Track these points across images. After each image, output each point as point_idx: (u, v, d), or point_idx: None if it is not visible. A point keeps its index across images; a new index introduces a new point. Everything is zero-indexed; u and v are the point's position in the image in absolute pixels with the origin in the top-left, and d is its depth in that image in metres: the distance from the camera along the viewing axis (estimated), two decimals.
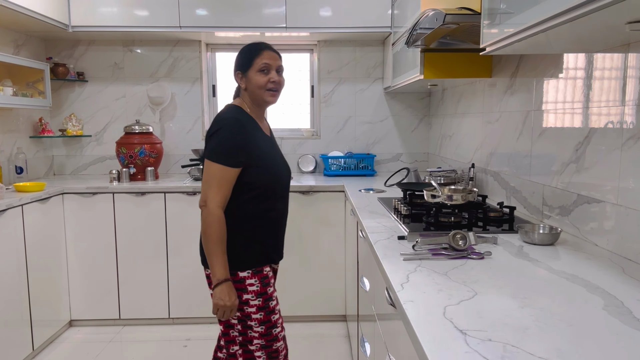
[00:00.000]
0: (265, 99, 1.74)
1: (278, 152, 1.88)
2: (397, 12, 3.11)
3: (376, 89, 3.74)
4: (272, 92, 1.74)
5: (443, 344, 0.84)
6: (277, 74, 1.74)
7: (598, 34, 1.22)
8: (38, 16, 2.87)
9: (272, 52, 1.75)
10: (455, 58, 2.34)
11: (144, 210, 3.08)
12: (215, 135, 1.65)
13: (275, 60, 1.74)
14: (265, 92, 1.73)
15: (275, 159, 1.81)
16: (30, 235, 2.69)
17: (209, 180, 1.63)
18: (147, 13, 3.21)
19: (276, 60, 1.75)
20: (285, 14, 3.24)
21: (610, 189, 1.44)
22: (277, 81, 1.74)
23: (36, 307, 2.75)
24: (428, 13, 1.79)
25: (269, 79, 1.72)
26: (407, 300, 1.05)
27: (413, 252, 1.42)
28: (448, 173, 2.65)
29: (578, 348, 0.82)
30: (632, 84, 1.35)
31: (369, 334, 1.90)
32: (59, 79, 3.49)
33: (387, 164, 3.80)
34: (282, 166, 1.85)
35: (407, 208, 1.98)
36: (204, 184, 1.65)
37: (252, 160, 1.68)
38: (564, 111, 1.71)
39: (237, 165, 1.65)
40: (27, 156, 3.32)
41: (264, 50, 1.73)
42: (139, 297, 3.15)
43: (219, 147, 1.64)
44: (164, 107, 3.67)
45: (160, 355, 2.84)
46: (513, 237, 1.62)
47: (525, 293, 1.09)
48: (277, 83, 1.74)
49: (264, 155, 1.74)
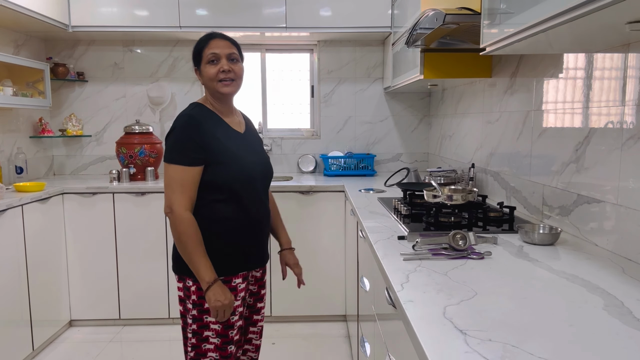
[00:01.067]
0: (219, 90, 1.60)
1: (252, 150, 1.70)
2: (397, 12, 3.11)
3: (376, 89, 3.74)
4: (225, 82, 1.60)
5: (443, 344, 0.84)
6: (229, 62, 1.60)
7: (598, 34, 1.22)
8: (38, 16, 2.87)
9: (222, 39, 1.62)
10: (455, 58, 2.34)
11: (144, 210, 3.08)
12: (170, 136, 1.58)
13: (225, 48, 1.60)
14: (217, 84, 1.59)
15: (245, 156, 1.64)
16: (30, 235, 2.69)
17: (171, 183, 1.53)
18: (147, 13, 3.21)
19: (226, 48, 1.60)
20: (285, 14, 3.24)
21: (610, 189, 1.44)
22: (227, 70, 1.59)
23: (36, 307, 2.75)
24: (428, 13, 1.79)
25: (219, 69, 1.58)
26: (407, 300, 1.05)
27: (413, 252, 1.42)
28: (448, 173, 2.65)
29: (578, 348, 0.82)
30: (632, 84, 1.35)
31: (369, 334, 1.90)
32: (59, 79, 3.49)
33: (387, 164, 3.80)
34: (255, 165, 1.67)
35: (407, 208, 1.98)
36: (166, 188, 1.55)
37: (211, 156, 1.56)
38: (564, 111, 1.71)
39: (195, 163, 1.54)
40: (27, 156, 3.32)
41: (211, 39, 1.61)
42: (139, 297, 3.15)
43: (174, 147, 1.55)
44: (164, 107, 3.67)
45: (160, 355, 2.83)
46: (513, 237, 1.62)
47: (525, 293, 1.09)
48: (228, 72, 1.59)
49: (226, 151, 1.59)
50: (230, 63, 1.61)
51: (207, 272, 1.53)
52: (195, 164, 1.54)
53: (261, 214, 1.71)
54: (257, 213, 1.68)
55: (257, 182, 1.67)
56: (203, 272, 1.53)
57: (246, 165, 1.63)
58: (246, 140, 1.70)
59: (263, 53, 3.76)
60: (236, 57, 1.63)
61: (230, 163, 1.59)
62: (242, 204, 1.63)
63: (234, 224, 1.63)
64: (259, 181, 1.69)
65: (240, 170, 1.61)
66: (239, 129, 1.71)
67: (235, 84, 1.63)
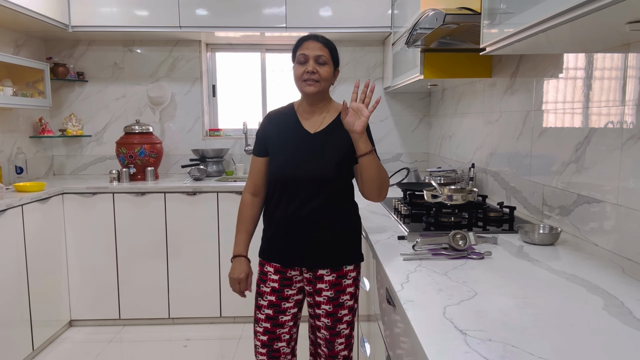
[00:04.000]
0: (302, 90, 1.68)
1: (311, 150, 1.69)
2: (397, 12, 3.11)
3: (376, 89, 3.73)
4: (308, 82, 1.65)
5: (443, 344, 0.84)
6: (316, 64, 1.65)
7: (598, 34, 1.22)
8: (38, 16, 2.87)
9: (314, 41, 1.67)
10: (455, 58, 2.33)
11: (144, 210, 3.08)
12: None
13: (315, 50, 1.65)
14: (302, 83, 1.66)
15: (292, 155, 1.69)
16: (30, 235, 2.69)
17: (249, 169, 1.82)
18: (147, 13, 3.21)
19: (316, 50, 1.65)
20: (285, 14, 3.24)
21: (610, 189, 1.44)
22: (311, 71, 1.64)
23: (36, 307, 2.75)
24: (428, 13, 1.79)
25: (305, 70, 1.64)
26: (407, 300, 1.05)
27: (413, 252, 1.42)
28: (448, 173, 2.65)
29: (578, 348, 0.82)
30: (632, 84, 1.35)
31: (369, 334, 1.90)
32: (59, 79, 3.49)
33: (387, 164, 3.80)
34: (300, 164, 1.68)
35: (407, 208, 1.98)
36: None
37: (269, 150, 1.74)
38: (564, 111, 1.71)
39: (258, 153, 1.77)
40: (27, 156, 3.32)
41: (305, 41, 1.67)
42: (139, 297, 3.15)
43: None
44: (164, 107, 3.67)
45: (160, 355, 2.84)
46: (513, 237, 1.62)
47: (525, 293, 1.09)
48: (312, 73, 1.64)
49: (276, 147, 1.72)
50: (317, 65, 1.66)
51: (235, 247, 1.79)
52: (259, 154, 1.77)
53: (299, 215, 1.68)
54: (294, 212, 1.68)
55: (299, 181, 1.67)
56: (234, 245, 1.79)
57: (288, 163, 1.69)
58: (312, 141, 1.70)
59: (263, 53, 3.76)
60: (325, 60, 1.66)
61: (275, 158, 1.72)
62: (278, 199, 1.72)
63: (270, 216, 1.77)
64: (304, 182, 1.67)
65: (281, 167, 1.70)
66: (311, 129, 1.72)
67: (319, 85, 1.67)
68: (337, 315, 1.72)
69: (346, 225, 1.72)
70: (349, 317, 1.75)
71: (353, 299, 1.75)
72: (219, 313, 3.18)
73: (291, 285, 1.75)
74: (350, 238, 1.73)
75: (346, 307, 1.73)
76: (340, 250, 1.70)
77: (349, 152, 1.65)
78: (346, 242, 1.72)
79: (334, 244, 1.69)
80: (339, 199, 1.71)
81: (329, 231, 1.69)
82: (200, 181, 3.27)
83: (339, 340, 1.75)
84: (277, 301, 1.75)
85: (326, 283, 1.70)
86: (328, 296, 1.71)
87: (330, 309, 1.72)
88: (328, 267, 1.69)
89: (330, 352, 1.76)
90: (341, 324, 1.74)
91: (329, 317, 1.72)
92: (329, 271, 1.70)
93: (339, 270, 1.70)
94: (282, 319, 1.76)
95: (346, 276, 1.71)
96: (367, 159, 1.59)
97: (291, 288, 1.76)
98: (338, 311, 1.72)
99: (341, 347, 1.76)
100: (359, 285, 1.79)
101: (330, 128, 1.72)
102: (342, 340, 1.76)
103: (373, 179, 1.62)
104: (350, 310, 1.75)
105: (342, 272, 1.71)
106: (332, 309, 1.72)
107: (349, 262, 1.71)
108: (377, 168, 1.61)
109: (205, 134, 3.75)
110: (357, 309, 1.80)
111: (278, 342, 1.77)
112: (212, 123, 3.88)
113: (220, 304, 3.16)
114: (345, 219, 1.73)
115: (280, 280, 1.75)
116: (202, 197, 3.08)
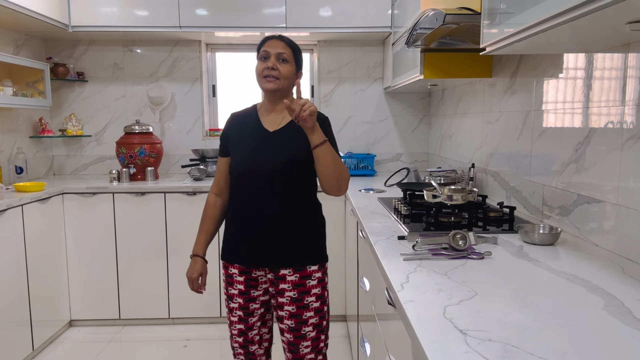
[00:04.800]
0: (262, 86, 1.68)
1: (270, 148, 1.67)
2: (397, 12, 3.11)
3: (376, 89, 3.74)
4: (268, 78, 1.65)
5: (443, 344, 0.84)
6: (278, 61, 1.65)
7: (598, 34, 1.22)
8: (38, 16, 2.87)
9: (278, 40, 1.68)
10: (455, 58, 2.33)
11: (144, 210, 3.08)
12: None
13: (277, 48, 1.65)
14: (262, 79, 1.67)
15: (248, 152, 1.68)
16: (30, 235, 2.69)
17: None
18: (147, 13, 3.21)
19: (278, 47, 1.66)
20: (285, 14, 3.24)
21: (610, 189, 1.44)
22: (271, 67, 1.64)
23: (36, 307, 2.75)
24: (428, 13, 1.79)
25: (265, 66, 1.65)
26: (407, 300, 1.05)
27: (413, 252, 1.42)
28: (448, 173, 2.65)
29: (578, 348, 0.82)
30: (632, 84, 1.35)
31: (369, 334, 1.90)
32: (59, 79, 3.49)
33: (387, 164, 3.80)
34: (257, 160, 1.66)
35: (407, 208, 1.98)
36: None
37: (228, 150, 1.77)
38: (564, 111, 1.71)
39: (221, 154, 1.81)
40: (27, 156, 3.32)
41: (269, 39, 1.69)
42: (139, 297, 3.15)
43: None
44: (164, 107, 3.67)
45: (160, 355, 2.84)
46: (513, 237, 1.62)
47: (525, 293, 1.09)
48: (272, 70, 1.64)
49: (235, 146, 1.74)
50: (278, 62, 1.65)
51: (194, 246, 1.83)
52: (222, 154, 1.81)
53: (258, 213, 1.67)
54: (253, 211, 1.67)
55: (257, 179, 1.66)
56: (194, 245, 1.84)
57: (247, 161, 1.69)
58: (270, 139, 1.69)
59: None
60: (286, 58, 1.66)
61: (235, 157, 1.73)
62: (239, 198, 1.72)
63: (232, 215, 1.76)
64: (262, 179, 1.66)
65: (240, 164, 1.71)
66: (270, 127, 1.72)
67: (279, 82, 1.66)
68: (302, 317, 1.69)
69: (308, 224, 1.72)
70: (315, 320, 1.71)
71: (320, 301, 1.71)
72: (219, 313, 3.18)
73: (257, 286, 1.74)
74: (312, 237, 1.72)
75: (312, 309, 1.70)
76: (303, 249, 1.69)
77: (307, 149, 1.63)
78: (308, 240, 1.70)
79: (295, 243, 1.68)
80: (300, 197, 1.70)
81: (290, 229, 1.67)
82: (200, 181, 3.27)
83: (304, 343, 1.71)
84: (245, 303, 1.74)
85: (289, 283, 1.68)
86: (291, 297, 1.68)
87: (293, 310, 1.69)
88: (290, 267, 1.68)
89: (294, 355, 1.72)
90: (306, 327, 1.70)
91: (293, 318, 1.69)
92: (291, 271, 1.68)
93: (303, 270, 1.68)
94: (251, 321, 1.76)
95: (310, 277, 1.69)
96: (321, 150, 1.57)
97: (257, 289, 1.74)
98: (303, 313, 1.69)
99: (307, 351, 1.72)
100: (327, 287, 1.76)
101: (289, 126, 1.70)
102: (307, 343, 1.71)
103: (328, 169, 1.59)
104: (317, 312, 1.71)
105: (305, 273, 1.69)
106: (296, 310, 1.69)
107: (312, 262, 1.70)
108: (332, 159, 1.59)
109: (205, 134, 3.75)
110: (327, 312, 1.76)
111: (252, 346, 1.79)
112: (212, 123, 3.88)
113: (220, 304, 3.16)
114: (307, 217, 1.72)
115: (246, 282, 1.73)
116: (202, 197, 3.08)
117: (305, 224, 1.71)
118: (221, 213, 1.83)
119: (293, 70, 1.69)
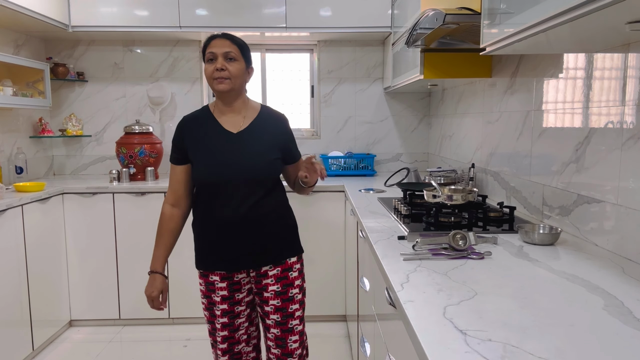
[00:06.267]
0: (214, 88, 1.64)
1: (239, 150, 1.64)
2: (397, 12, 3.11)
3: (376, 89, 3.74)
4: (219, 80, 1.61)
5: (443, 344, 0.84)
6: (225, 61, 1.61)
7: (598, 34, 1.22)
8: (38, 16, 2.87)
9: (221, 39, 1.63)
10: (455, 58, 2.33)
11: (144, 210, 3.08)
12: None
13: (222, 47, 1.61)
14: (213, 82, 1.63)
15: (218, 156, 1.63)
16: (30, 235, 2.69)
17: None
18: (147, 13, 3.21)
19: (224, 47, 1.61)
20: (285, 14, 3.24)
21: (610, 189, 1.44)
22: (219, 68, 1.60)
23: (36, 307, 2.75)
24: (428, 13, 1.79)
25: (214, 68, 1.61)
26: (407, 300, 1.05)
27: (413, 252, 1.42)
28: (448, 173, 2.65)
29: (578, 348, 0.82)
30: (632, 84, 1.35)
31: (369, 334, 1.90)
32: (59, 79, 3.49)
33: (387, 164, 3.80)
34: (230, 165, 1.62)
35: (407, 208, 1.98)
36: None
37: (189, 156, 1.67)
38: (564, 111, 1.71)
39: (176, 162, 1.70)
40: (27, 156, 3.32)
41: (213, 39, 1.63)
42: (139, 297, 3.14)
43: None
44: (164, 107, 3.67)
45: (160, 355, 2.84)
46: (513, 237, 1.62)
47: (525, 293, 1.09)
48: (221, 70, 1.60)
49: (198, 151, 1.65)
50: (225, 62, 1.62)
51: (152, 262, 1.75)
52: (177, 162, 1.70)
53: (237, 216, 1.63)
54: (231, 215, 1.63)
55: (230, 183, 1.62)
56: (151, 261, 1.75)
57: (218, 166, 1.62)
58: (237, 141, 1.66)
59: (263, 53, 3.76)
60: (234, 56, 1.63)
61: (201, 163, 1.65)
62: (212, 203, 1.66)
63: (204, 223, 1.69)
64: (238, 182, 1.63)
65: (211, 170, 1.63)
66: (233, 129, 1.68)
67: (230, 82, 1.62)
68: (288, 310, 1.70)
69: (283, 218, 1.75)
70: (300, 312, 1.74)
71: (302, 292, 1.76)
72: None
73: (240, 289, 1.74)
74: (289, 230, 1.76)
75: (297, 302, 1.72)
76: (282, 244, 1.72)
77: (275, 149, 1.71)
78: (286, 234, 1.74)
79: (276, 239, 1.70)
80: (273, 194, 1.72)
81: (269, 227, 1.69)
82: None
83: (292, 337, 1.71)
84: (230, 307, 1.73)
85: (271, 278, 1.70)
86: (275, 290, 1.70)
87: (279, 304, 1.70)
88: (272, 263, 1.70)
89: (283, 350, 1.71)
90: (293, 320, 1.71)
91: (278, 312, 1.70)
92: (272, 266, 1.70)
93: (283, 263, 1.71)
94: (237, 322, 1.76)
95: (292, 269, 1.72)
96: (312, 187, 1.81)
97: (240, 291, 1.74)
98: (288, 306, 1.70)
99: (296, 346, 1.72)
100: (304, 278, 1.81)
101: (254, 126, 1.70)
102: (295, 337, 1.71)
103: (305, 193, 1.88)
104: (301, 304, 1.75)
105: (286, 265, 1.72)
106: (281, 303, 1.70)
107: (291, 254, 1.73)
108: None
109: None
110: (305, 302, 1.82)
111: (237, 345, 1.78)
112: None
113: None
114: (282, 212, 1.75)
115: (229, 287, 1.72)
116: None
117: (283, 219, 1.75)
118: (179, 226, 1.75)
119: (243, 68, 1.66)
